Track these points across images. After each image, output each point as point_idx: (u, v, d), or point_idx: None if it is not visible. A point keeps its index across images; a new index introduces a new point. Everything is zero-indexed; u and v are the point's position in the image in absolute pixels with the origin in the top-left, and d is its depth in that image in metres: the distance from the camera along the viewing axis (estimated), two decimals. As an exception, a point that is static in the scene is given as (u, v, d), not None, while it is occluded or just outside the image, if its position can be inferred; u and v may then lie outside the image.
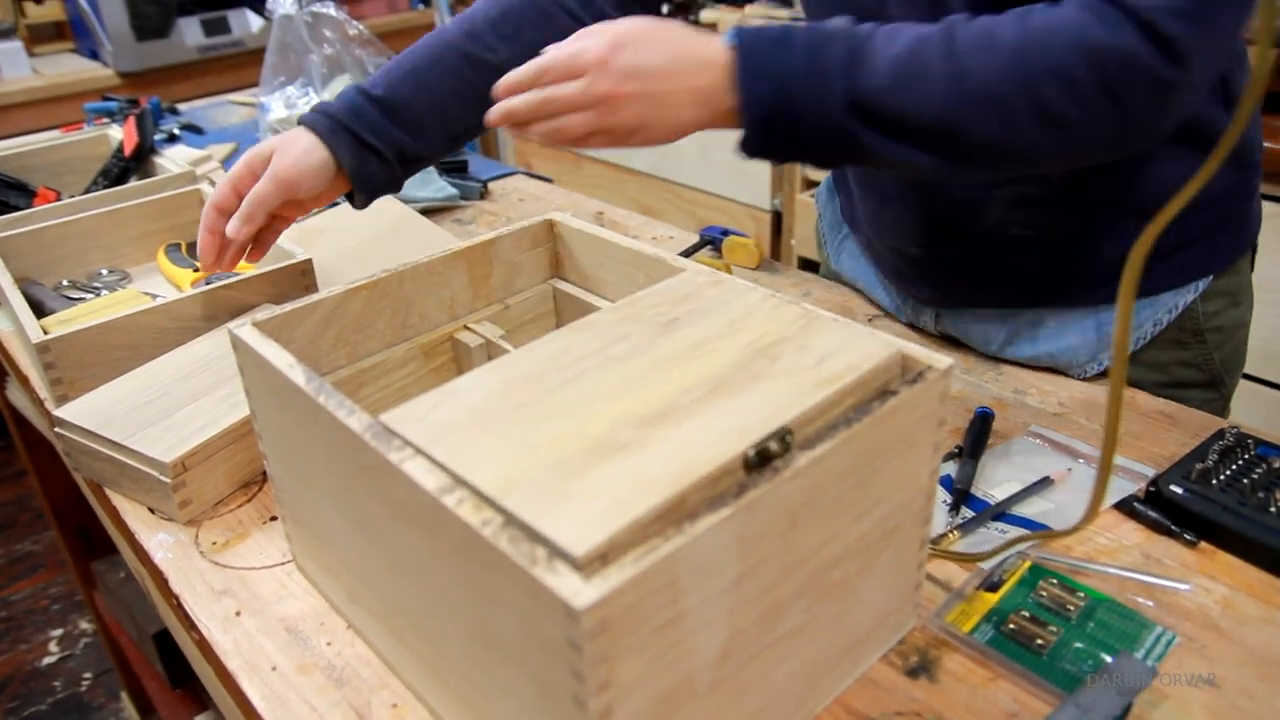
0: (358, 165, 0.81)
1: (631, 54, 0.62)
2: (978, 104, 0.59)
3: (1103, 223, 0.76)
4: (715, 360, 0.49)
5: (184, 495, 0.68)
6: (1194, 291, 0.79)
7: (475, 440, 0.44)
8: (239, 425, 0.70)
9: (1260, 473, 0.63)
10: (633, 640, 0.37)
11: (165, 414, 0.71)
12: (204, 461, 0.68)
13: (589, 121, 0.64)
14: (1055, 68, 0.58)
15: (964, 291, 0.84)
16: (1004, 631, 0.55)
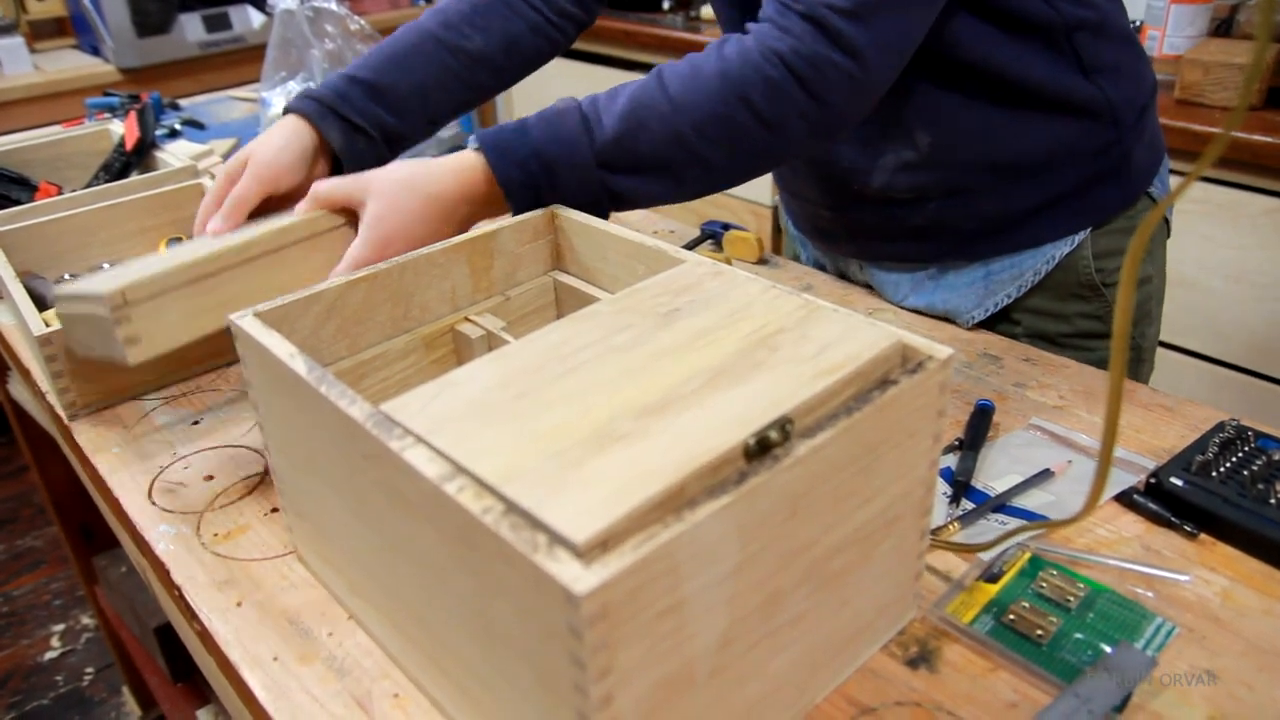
0: (347, 144, 0.85)
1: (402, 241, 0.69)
2: (702, 127, 0.68)
3: (974, 183, 0.83)
4: (715, 350, 0.49)
5: (129, 331, 0.64)
6: (1071, 244, 0.85)
7: (475, 430, 0.44)
8: (196, 264, 0.67)
9: (1260, 465, 0.63)
10: (633, 627, 0.38)
11: (129, 270, 0.68)
12: (152, 299, 0.65)
13: None
14: (757, 79, 0.67)
15: (873, 246, 0.93)
16: (1004, 622, 0.55)
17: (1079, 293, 0.87)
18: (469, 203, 0.72)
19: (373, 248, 0.68)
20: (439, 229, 0.70)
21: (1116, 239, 0.86)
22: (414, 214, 0.70)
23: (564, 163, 0.70)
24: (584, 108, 0.71)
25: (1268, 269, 1.43)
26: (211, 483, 0.72)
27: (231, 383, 0.85)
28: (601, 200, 0.72)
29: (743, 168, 0.72)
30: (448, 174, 0.71)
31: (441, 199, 0.71)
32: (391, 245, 0.68)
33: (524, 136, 0.71)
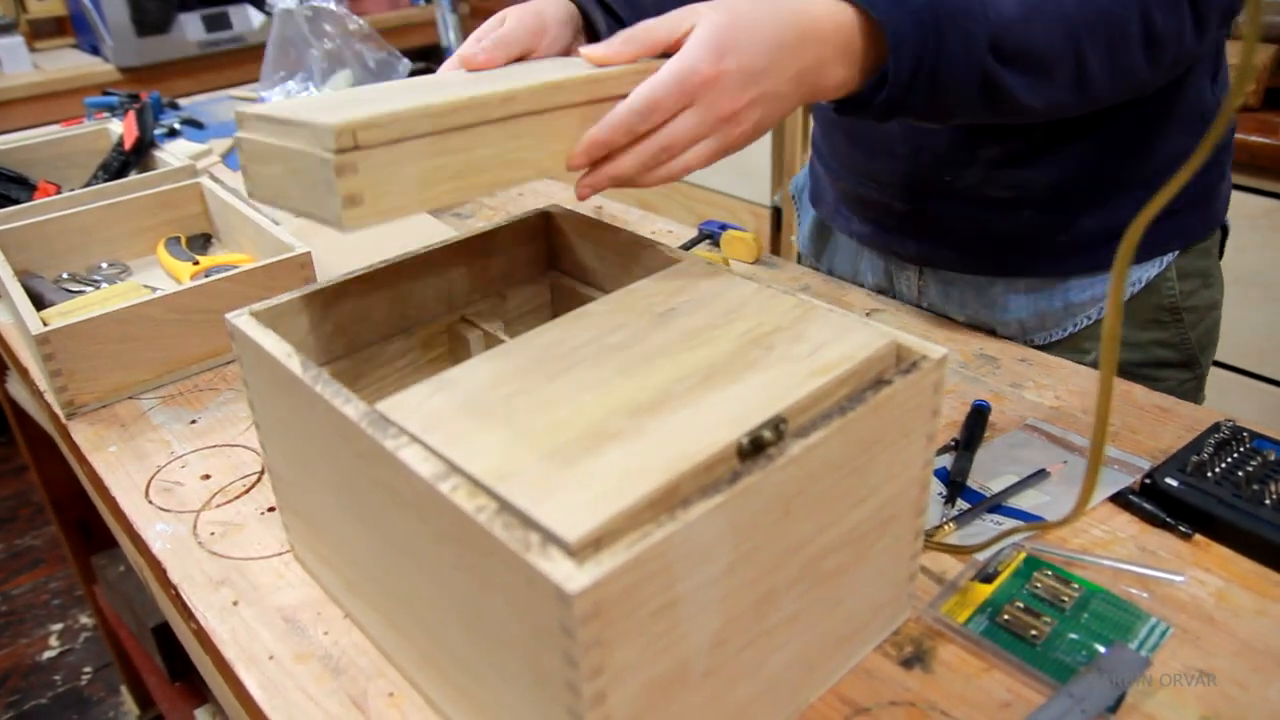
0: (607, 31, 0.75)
1: (738, 57, 0.55)
2: (1095, 29, 0.60)
3: (1081, 191, 0.78)
4: (710, 350, 0.49)
5: (351, 186, 0.48)
6: (1158, 266, 0.81)
7: (470, 429, 0.44)
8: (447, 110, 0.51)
9: (1255, 466, 0.64)
10: (626, 626, 0.38)
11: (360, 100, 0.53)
12: (387, 146, 0.48)
13: (710, 149, 0.57)
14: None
15: (943, 252, 0.86)
16: (998, 622, 0.55)
17: (1157, 317, 0.83)
18: (824, 45, 0.57)
19: (708, 51, 0.54)
20: (783, 62, 0.56)
21: (1195, 260, 0.82)
22: (763, 28, 0.55)
23: (957, 32, 0.58)
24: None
25: (1266, 270, 1.44)
26: (208, 482, 0.72)
27: (229, 382, 0.86)
28: (972, 96, 0.61)
29: (1105, 88, 0.64)
30: (797, 7, 0.57)
31: (798, 26, 0.56)
32: (729, 56, 0.54)
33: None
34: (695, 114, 0.55)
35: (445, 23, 2.86)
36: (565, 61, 0.65)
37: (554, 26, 0.70)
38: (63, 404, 0.80)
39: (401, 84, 0.60)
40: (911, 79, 0.58)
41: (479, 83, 0.56)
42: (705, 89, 0.54)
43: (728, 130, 0.56)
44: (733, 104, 0.55)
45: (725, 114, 0.55)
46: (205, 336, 0.86)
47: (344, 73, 1.48)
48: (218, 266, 0.98)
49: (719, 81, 0.54)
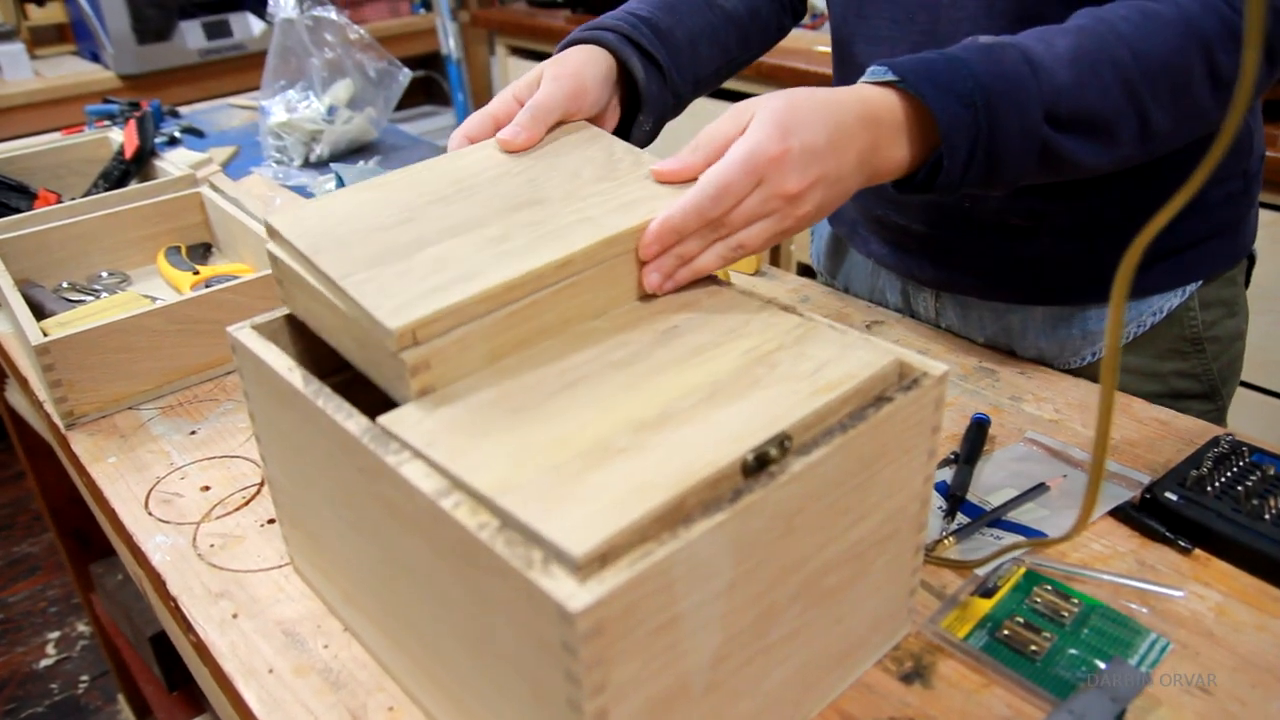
0: (647, 81, 0.74)
1: (801, 136, 0.55)
2: (1155, 79, 0.59)
3: (1101, 220, 0.77)
4: (713, 367, 0.49)
5: (425, 381, 0.48)
6: (1182, 295, 0.80)
7: (473, 443, 0.44)
8: (515, 284, 0.50)
9: (1254, 480, 0.64)
10: (628, 643, 0.38)
11: (406, 250, 0.52)
12: (449, 335, 0.48)
13: (770, 229, 0.56)
14: (1222, 29, 0.59)
15: (962, 278, 0.85)
16: (998, 637, 0.55)
17: (1179, 348, 0.81)
18: (880, 127, 0.58)
19: (773, 130, 0.54)
20: (842, 143, 0.56)
21: (1220, 289, 0.81)
22: (821, 110, 0.56)
23: (1009, 107, 0.57)
24: (1021, 45, 0.59)
25: (1267, 282, 1.44)
26: (208, 493, 0.72)
27: (229, 393, 0.86)
28: (1032, 166, 0.60)
29: (1170, 137, 0.63)
30: (849, 95, 0.58)
31: (855, 109, 0.57)
32: (792, 135, 0.54)
33: (958, 66, 0.58)
34: (762, 192, 0.55)
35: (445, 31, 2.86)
36: (604, 149, 0.64)
37: (593, 89, 0.69)
38: (62, 414, 0.80)
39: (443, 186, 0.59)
40: (968, 160, 0.58)
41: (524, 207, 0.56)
42: (772, 167, 0.54)
43: (789, 211, 0.56)
44: (798, 183, 0.55)
45: (791, 193, 0.55)
46: (205, 347, 0.86)
47: (344, 81, 1.48)
48: (218, 276, 0.98)
49: (785, 160, 0.54)
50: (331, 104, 1.46)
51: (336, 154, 1.47)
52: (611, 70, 0.72)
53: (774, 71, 1.95)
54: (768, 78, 1.97)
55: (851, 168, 0.57)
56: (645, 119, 0.76)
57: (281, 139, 1.45)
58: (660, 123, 0.78)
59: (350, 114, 1.48)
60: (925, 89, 0.57)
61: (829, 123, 0.55)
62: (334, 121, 1.46)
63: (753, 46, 0.88)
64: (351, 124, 1.48)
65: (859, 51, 0.82)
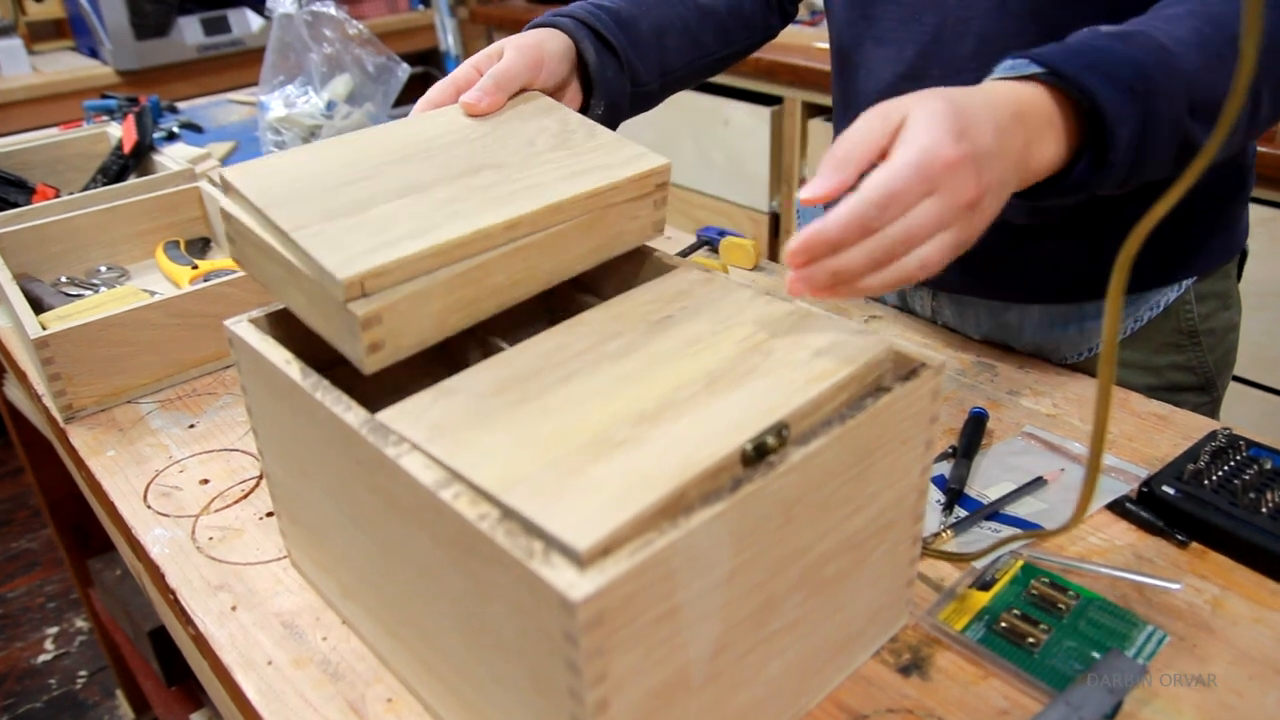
0: (600, 66, 0.75)
1: (974, 139, 0.49)
2: (1270, 63, 0.56)
3: (1105, 219, 0.77)
4: (709, 357, 0.49)
5: (375, 335, 0.48)
6: (1177, 290, 0.80)
7: (473, 437, 0.44)
8: (464, 241, 0.51)
9: (1251, 474, 0.64)
10: (628, 633, 0.38)
11: (359, 206, 0.52)
12: (401, 290, 0.48)
13: (951, 241, 0.50)
14: None
15: (960, 277, 0.85)
16: (996, 630, 0.55)
17: (1175, 341, 0.82)
18: (1032, 125, 0.53)
19: (947, 133, 0.48)
20: (1006, 145, 0.51)
21: (1214, 282, 0.82)
22: (984, 110, 0.51)
23: (1163, 96, 0.54)
24: (1149, 32, 0.56)
25: (1262, 278, 1.44)
26: (207, 486, 0.72)
27: (227, 386, 0.86)
28: (1168, 160, 0.57)
29: (1269, 119, 0.60)
30: (1001, 93, 0.53)
31: (1010, 108, 0.52)
32: (966, 137, 0.48)
33: (1109, 54, 0.54)
34: (938, 201, 0.48)
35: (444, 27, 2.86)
36: (560, 119, 0.65)
37: (551, 61, 0.71)
38: (61, 408, 0.80)
39: (399, 146, 0.60)
40: (1129, 154, 0.55)
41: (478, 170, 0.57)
42: (949, 173, 0.48)
43: (970, 220, 0.50)
44: (977, 189, 0.49)
45: (970, 200, 0.49)
46: (204, 341, 0.86)
47: (343, 77, 1.48)
48: (217, 271, 0.98)
49: (962, 165, 0.48)
50: (330, 99, 1.46)
51: (335, 149, 1.47)
52: (570, 50, 0.74)
53: (772, 68, 1.94)
54: (766, 74, 1.97)
55: (1013, 169, 0.53)
56: (597, 102, 0.76)
57: (280, 134, 1.45)
58: (616, 108, 0.78)
59: (349, 109, 1.48)
60: (1086, 78, 0.52)
61: (994, 123, 0.51)
62: (333, 117, 1.46)
63: (734, 42, 0.88)
64: (350, 119, 1.48)
65: (864, 53, 0.81)
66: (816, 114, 1.98)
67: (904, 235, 0.48)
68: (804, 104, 1.97)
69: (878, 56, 0.80)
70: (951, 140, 0.48)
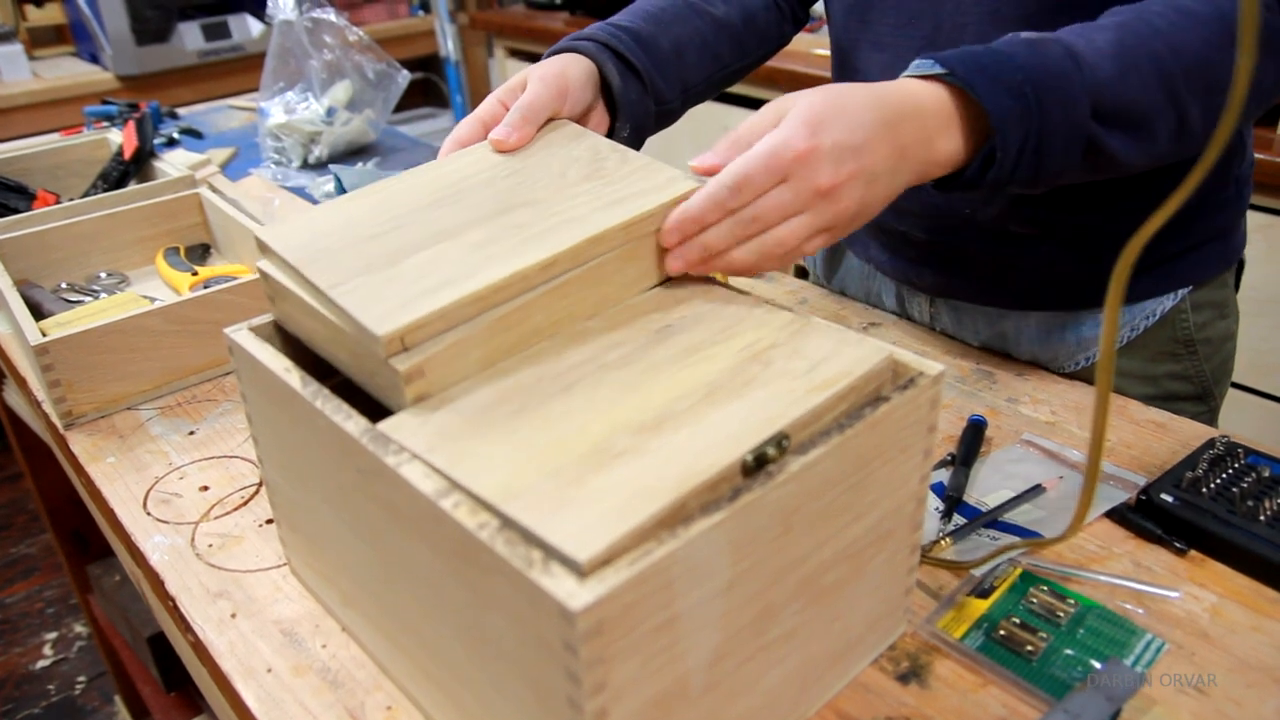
0: (624, 89, 0.75)
1: (834, 132, 0.54)
2: (1191, 74, 0.59)
3: (1103, 227, 0.77)
4: (708, 367, 0.49)
5: (420, 388, 0.48)
6: (1173, 299, 0.81)
7: (473, 447, 0.44)
8: (502, 285, 0.50)
9: (1250, 482, 0.64)
10: (627, 643, 0.38)
11: (393, 257, 0.52)
12: (442, 341, 0.48)
13: (807, 225, 0.55)
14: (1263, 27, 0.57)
15: (960, 284, 0.86)
16: (994, 638, 0.55)
17: (1172, 350, 0.82)
18: (925, 119, 0.57)
19: (801, 126, 0.53)
20: (881, 137, 0.55)
21: (1211, 291, 0.82)
22: (859, 105, 0.55)
23: (1057, 99, 0.56)
24: (1063, 40, 0.58)
25: (1262, 286, 1.44)
26: (206, 493, 0.73)
27: (227, 393, 0.86)
28: (1075, 163, 0.59)
29: (1203, 136, 0.62)
30: (893, 89, 0.57)
31: (895, 104, 0.56)
32: (824, 131, 0.53)
33: (1005, 58, 0.57)
34: (789, 189, 0.54)
35: (444, 33, 2.87)
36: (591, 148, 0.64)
37: (575, 88, 0.71)
38: (61, 414, 0.80)
39: (432, 191, 0.59)
40: (1019, 153, 0.57)
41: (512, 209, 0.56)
42: (799, 164, 0.53)
43: (825, 206, 0.54)
44: (830, 178, 0.54)
45: (822, 188, 0.54)
46: (204, 348, 0.86)
47: (343, 83, 1.48)
48: (217, 278, 0.98)
49: (813, 155, 0.53)
50: (330, 105, 1.46)
51: (335, 155, 1.48)
52: (593, 73, 0.74)
53: (772, 75, 1.95)
54: (766, 81, 1.97)
55: (893, 163, 0.56)
56: (622, 125, 0.76)
57: (280, 140, 1.45)
58: (641, 130, 0.78)
59: (349, 115, 1.48)
60: (975, 80, 0.56)
61: (867, 117, 0.54)
62: (333, 123, 1.46)
63: (750, 54, 0.88)
64: (350, 125, 1.48)
65: (861, 58, 0.82)
66: (816, 120, 1.99)
67: (756, 213, 0.54)
68: (803, 110, 1.98)
69: (875, 61, 0.81)
70: (806, 133, 0.53)
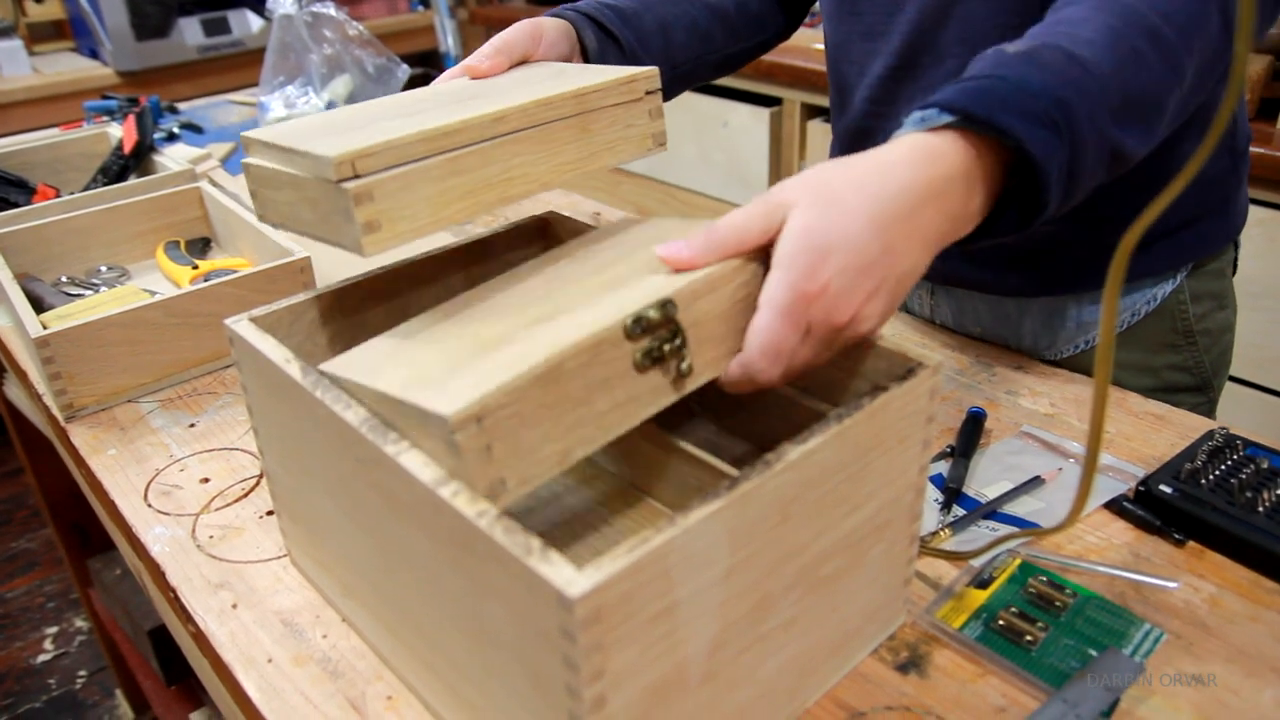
0: (600, 51, 0.78)
1: (840, 256, 0.47)
2: (1186, 36, 0.55)
3: (1105, 210, 0.76)
4: (614, 270, 0.51)
5: (369, 213, 0.49)
6: (1173, 282, 0.81)
7: (386, 365, 0.48)
8: (440, 134, 0.52)
9: (1248, 473, 0.64)
10: (625, 630, 0.38)
11: (359, 126, 0.55)
12: (393, 173, 0.50)
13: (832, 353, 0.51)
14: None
15: (960, 273, 0.86)
16: (993, 628, 0.55)
17: (1171, 341, 0.82)
18: (945, 192, 0.50)
19: (803, 262, 0.46)
20: (897, 239, 0.48)
21: (1209, 281, 0.82)
22: (862, 211, 0.47)
23: (1083, 118, 0.51)
24: (1053, 44, 0.53)
25: (1260, 279, 1.44)
26: (207, 485, 0.73)
27: (227, 385, 0.86)
28: (1100, 174, 0.54)
29: (1197, 87, 0.58)
30: (903, 165, 0.49)
31: (910, 191, 0.48)
32: (829, 260, 0.46)
33: (1019, 87, 0.50)
34: (814, 337, 0.48)
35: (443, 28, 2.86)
36: (557, 69, 0.68)
37: (550, 33, 0.74)
38: (61, 407, 0.81)
39: (406, 99, 0.63)
40: (1057, 187, 0.52)
41: (474, 99, 0.59)
42: (814, 309, 0.47)
43: (854, 330, 0.49)
44: (848, 312, 0.48)
45: (842, 322, 0.48)
46: (204, 340, 0.86)
47: (343, 78, 1.48)
48: (217, 271, 0.98)
49: (823, 296, 0.47)
50: (330, 100, 1.46)
51: (335, 150, 1.47)
52: (570, 32, 0.76)
53: (771, 70, 1.95)
54: (766, 76, 1.98)
55: (916, 254, 0.50)
56: None
57: (280, 135, 1.45)
58: None
59: (349, 110, 1.48)
60: (1008, 121, 0.49)
61: (876, 222, 0.47)
62: (332, 117, 1.46)
63: (743, 38, 0.89)
64: (350, 120, 1.48)
65: (855, 48, 0.82)
66: (815, 115, 1.99)
67: (790, 369, 0.49)
68: (803, 105, 1.98)
69: (866, 51, 0.81)
70: (809, 273, 0.46)
